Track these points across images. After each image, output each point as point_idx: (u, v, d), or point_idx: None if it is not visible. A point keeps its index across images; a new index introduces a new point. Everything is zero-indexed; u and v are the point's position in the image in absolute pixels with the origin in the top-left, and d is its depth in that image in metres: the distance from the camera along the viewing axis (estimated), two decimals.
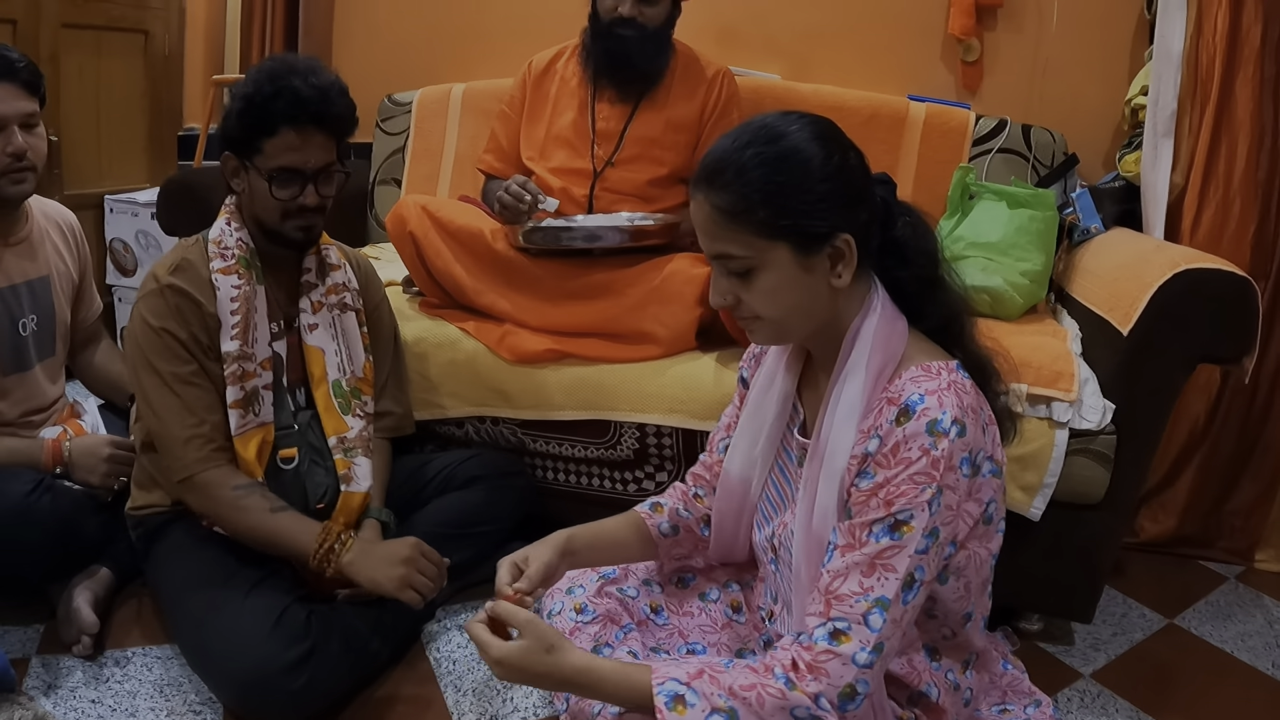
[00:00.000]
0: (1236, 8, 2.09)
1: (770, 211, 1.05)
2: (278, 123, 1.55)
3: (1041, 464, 1.67)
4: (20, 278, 1.82)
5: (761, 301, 1.09)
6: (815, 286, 1.09)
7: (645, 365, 1.90)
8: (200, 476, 1.55)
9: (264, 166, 1.58)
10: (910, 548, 1.01)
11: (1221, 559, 2.26)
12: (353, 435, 1.72)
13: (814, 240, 1.06)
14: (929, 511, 1.00)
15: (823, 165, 1.06)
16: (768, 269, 1.07)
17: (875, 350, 1.09)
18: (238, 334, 1.59)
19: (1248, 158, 2.10)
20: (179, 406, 1.55)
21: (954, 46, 2.65)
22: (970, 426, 1.03)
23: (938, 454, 1.00)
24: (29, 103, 1.73)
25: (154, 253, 2.93)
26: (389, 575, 1.51)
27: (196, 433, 1.55)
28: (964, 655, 1.21)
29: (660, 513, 1.39)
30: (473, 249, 2.01)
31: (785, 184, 1.05)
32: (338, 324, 1.75)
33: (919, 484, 1.01)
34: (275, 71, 1.55)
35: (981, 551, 1.13)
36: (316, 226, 1.68)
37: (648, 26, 2.08)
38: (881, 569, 1.01)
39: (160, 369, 1.56)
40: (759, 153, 1.06)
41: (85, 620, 1.62)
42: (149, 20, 3.06)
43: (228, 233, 1.64)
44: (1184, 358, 1.68)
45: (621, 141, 2.14)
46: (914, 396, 1.03)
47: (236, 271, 1.62)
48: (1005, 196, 2.18)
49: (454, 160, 2.71)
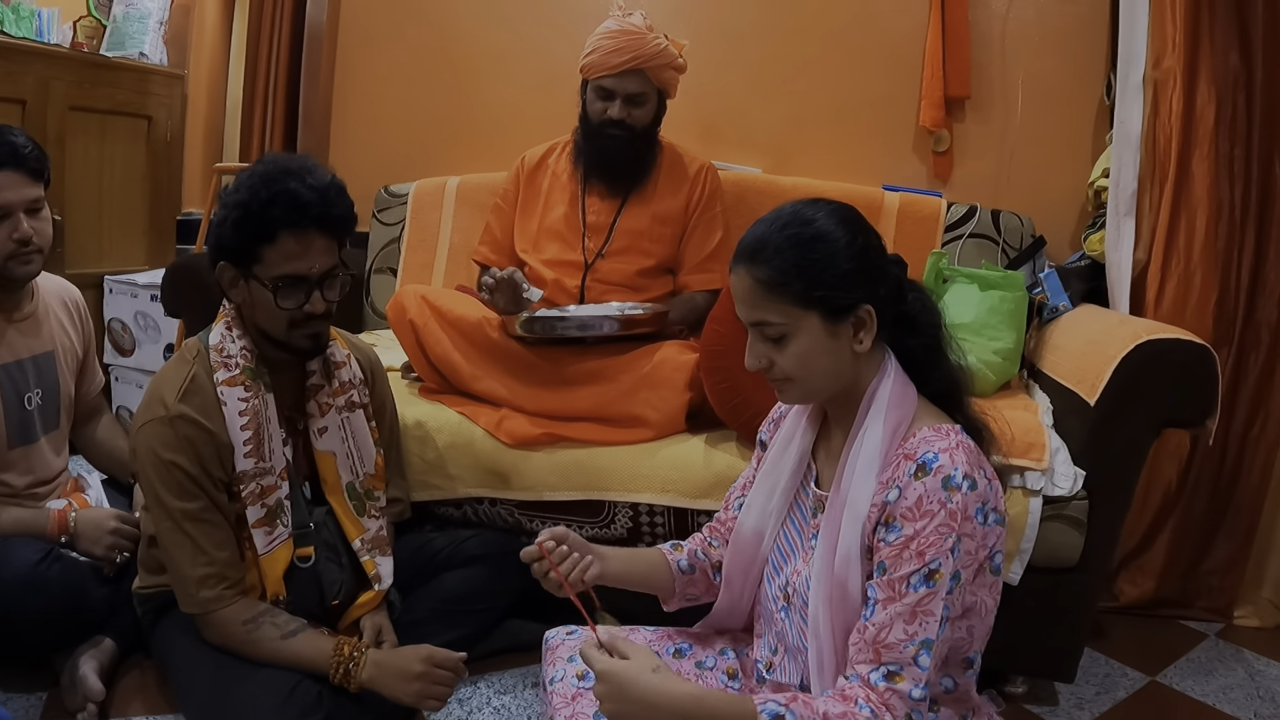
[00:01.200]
0: (1190, 90, 2.20)
1: (804, 284, 1.17)
2: (277, 229, 1.48)
3: (1018, 530, 1.74)
4: (26, 353, 1.85)
5: (793, 364, 1.22)
6: (840, 351, 1.21)
7: (637, 447, 1.96)
8: (211, 617, 1.53)
9: (265, 276, 1.51)
10: (942, 592, 1.11)
11: (1201, 618, 2.31)
12: (370, 535, 1.71)
13: (841, 310, 1.19)
14: (952, 558, 1.11)
15: (849, 245, 1.20)
16: (800, 335, 1.20)
17: (891, 409, 1.20)
18: (251, 451, 1.55)
19: (1207, 231, 2.20)
20: (189, 546, 1.52)
21: (925, 138, 2.76)
22: (980, 480, 1.14)
23: (954, 506, 1.11)
24: (34, 189, 1.76)
25: (152, 334, 2.98)
26: (406, 691, 1.52)
27: (207, 573, 1.52)
28: (963, 710, 1.28)
29: (680, 551, 1.49)
30: (471, 337, 2.08)
31: (818, 260, 1.18)
32: (347, 425, 1.71)
33: (943, 534, 1.11)
34: (269, 175, 1.49)
35: (988, 600, 1.22)
36: (324, 333, 1.63)
37: (635, 127, 2.19)
38: (922, 615, 1.11)
39: (170, 506, 1.52)
40: (795, 234, 1.20)
41: (91, 688, 1.64)
42: (152, 106, 3.16)
43: (229, 339, 1.58)
44: (1149, 423, 1.77)
45: (611, 234, 2.23)
46: (929, 455, 1.13)
47: (243, 383, 1.56)
48: (977, 279, 2.27)
49: (449, 250, 2.79)
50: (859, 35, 2.77)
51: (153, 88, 3.16)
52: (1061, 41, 2.63)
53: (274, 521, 1.59)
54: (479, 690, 1.84)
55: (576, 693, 1.38)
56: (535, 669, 1.84)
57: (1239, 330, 2.25)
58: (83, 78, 2.89)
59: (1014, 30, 2.65)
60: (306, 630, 1.57)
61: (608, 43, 2.14)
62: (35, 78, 2.72)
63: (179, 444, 1.51)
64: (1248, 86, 2.21)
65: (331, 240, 1.55)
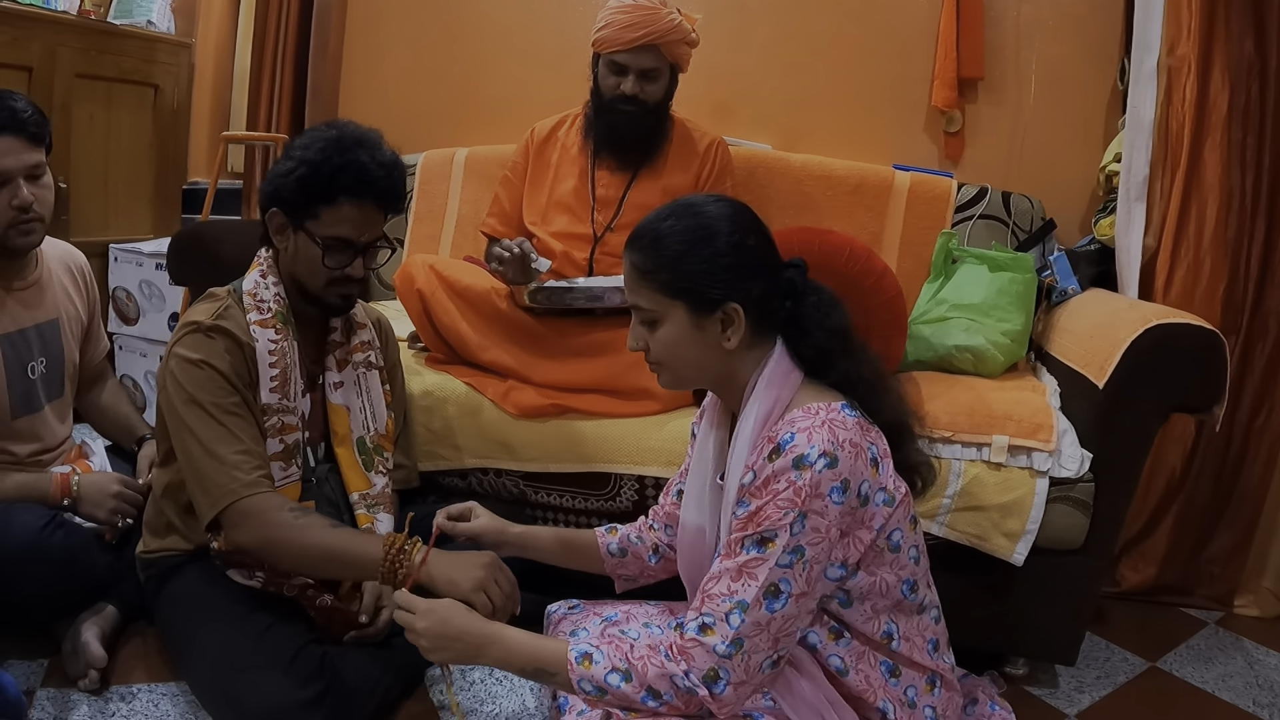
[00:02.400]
0: (1204, 77, 2.19)
1: (671, 274, 1.25)
2: (339, 194, 1.55)
3: (1023, 512, 1.74)
4: (29, 322, 1.83)
5: (661, 349, 1.29)
6: (706, 344, 1.27)
7: (644, 420, 1.97)
8: (250, 501, 1.48)
9: (317, 233, 1.58)
10: (771, 560, 1.16)
11: (1202, 605, 2.32)
12: (375, 492, 1.73)
13: (707, 305, 1.25)
14: (790, 532, 1.15)
15: (725, 242, 1.25)
16: (667, 322, 1.27)
17: (764, 399, 1.24)
18: (276, 387, 1.59)
19: (1217, 219, 2.20)
20: (225, 434, 1.50)
21: (937, 118, 2.76)
22: (844, 459, 1.16)
23: (801, 484, 1.15)
24: (34, 154, 1.72)
25: (157, 302, 2.98)
26: (468, 575, 1.39)
27: (244, 458, 1.50)
28: (925, 673, 1.30)
29: (613, 535, 1.57)
30: (478, 307, 2.08)
31: (688, 253, 1.24)
32: (362, 382, 1.76)
33: (782, 509, 1.16)
34: (343, 142, 1.56)
35: (889, 578, 1.26)
36: (355, 295, 1.70)
37: (648, 103, 2.18)
38: (746, 576, 1.17)
39: (202, 400, 1.51)
40: (674, 225, 1.27)
41: (94, 655, 1.64)
42: (159, 74, 3.14)
43: (263, 286, 1.63)
44: (1157, 407, 1.77)
45: (621, 208, 2.22)
46: (786, 436, 1.18)
47: (274, 326, 1.61)
48: (986, 260, 2.27)
49: (456, 222, 2.79)
50: (873, 13, 2.76)
51: (160, 56, 3.14)
52: (1076, 25, 2.61)
53: (290, 460, 1.62)
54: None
55: None
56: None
57: (1246, 319, 2.25)
58: (89, 45, 2.86)
59: (1028, 13, 2.64)
60: (351, 529, 1.55)
61: (621, 17, 2.12)
62: (42, 44, 2.70)
63: (212, 350, 1.54)
64: (1262, 75, 2.20)
65: (383, 213, 1.64)
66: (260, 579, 1.59)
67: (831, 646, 1.27)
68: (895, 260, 2.50)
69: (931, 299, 2.30)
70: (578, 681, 1.20)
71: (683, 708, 1.18)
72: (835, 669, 1.26)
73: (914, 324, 2.25)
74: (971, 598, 1.79)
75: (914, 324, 2.25)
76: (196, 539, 1.63)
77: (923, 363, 2.18)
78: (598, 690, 1.20)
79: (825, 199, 2.56)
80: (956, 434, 1.79)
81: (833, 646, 1.27)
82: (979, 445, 1.79)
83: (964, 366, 2.14)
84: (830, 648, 1.26)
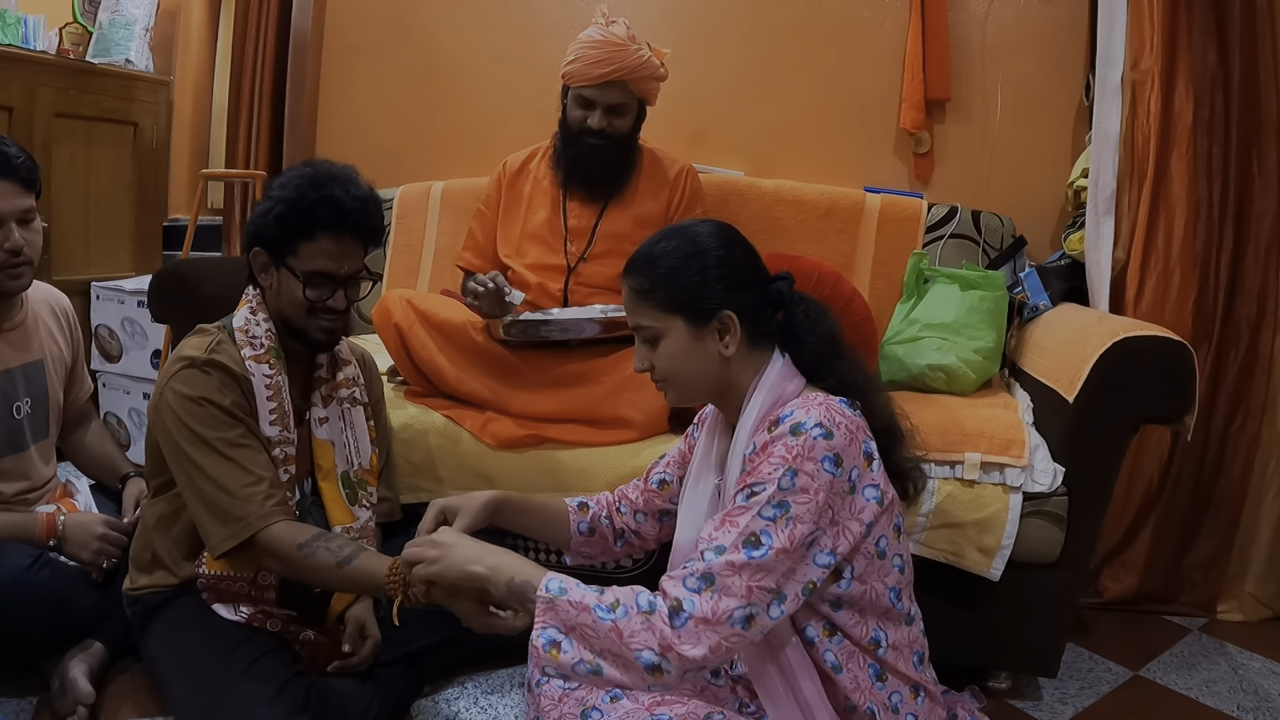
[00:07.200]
0: (1168, 90, 2.22)
1: (667, 291, 1.32)
2: (316, 228, 1.58)
3: (998, 527, 1.76)
4: (15, 362, 1.85)
5: (665, 365, 1.35)
6: (707, 353, 1.33)
7: (621, 448, 1.98)
8: (264, 534, 1.50)
9: (298, 268, 1.61)
10: (755, 510, 1.19)
11: (1185, 613, 2.33)
12: (359, 525, 1.73)
13: (703, 315, 1.32)
14: (777, 485, 1.19)
15: (714, 255, 1.32)
16: (668, 337, 1.33)
17: (764, 399, 1.31)
18: (275, 420, 1.62)
19: (1185, 230, 2.22)
20: (234, 468, 1.52)
21: (906, 140, 2.79)
22: (839, 435, 1.21)
23: (794, 444, 1.20)
24: (26, 199, 1.75)
25: (139, 339, 2.99)
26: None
27: (257, 488, 1.52)
28: (909, 683, 1.32)
29: (584, 514, 1.60)
30: (455, 340, 2.10)
31: (681, 269, 1.32)
32: (347, 417, 1.78)
33: (775, 465, 1.20)
34: (318, 179, 1.59)
35: (878, 586, 1.29)
36: (339, 329, 1.71)
37: (615, 136, 2.20)
38: (728, 524, 1.21)
39: (207, 436, 1.52)
40: (665, 246, 1.35)
41: (82, 691, 1.64)
42: (138, 112, 3.16)
43: (254, 322, 1.66)
44: (1127, 419, 1.78)
45: (593, 238, 2.24)
46: (785, 412, 1.24)
47: (267, 361, 1.63)
48: (957, 279, 2.29)
49: (434, 254, 2.81)
50: (840, 39, 2.79)
51: (139, 94, 3.17)
52: (1040, 43, 2.65)
53: (291, 490, 1.64)
54: (466, 690, 1.85)
55: (564, 694, 1.38)
56: (522, 669, 1.84)
57: (1218, 327, 2.28)
58: (69, 84, 2.89)
59: (994, 33, 2.68)
60: (361, 554, 1.53)
61: (590, 53, 2.14)
62: (21, 84, 2.73)
63: (209, 385, 1.55)
64: (1225, 85, 2.23)
65: (362, 246, 1.66)
66: (244, 614, 1.60)
67: (826, 643, 1.28)
68: (867, 282, 2.53)
69: (904, 319, 2.32)
70: (545, 582, 1.24)
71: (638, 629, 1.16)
72: (830, 665, 1.28)
73: (887, 345, 2.27)
74: (950, 614, 1.80)
75: (887, 345, 2.27)
76: (183, 574, 1.64)
77: (896, 383, 2.20)
78: (561, 590, 1.23)
79: (797, 223, 2.59)
80: (929, 453, 1.81)
81: (828, 643, 1.28)
82: (952, 463, 1.81)
83: (937, 385, 2.16)
84: (825, 644, 1.28)
